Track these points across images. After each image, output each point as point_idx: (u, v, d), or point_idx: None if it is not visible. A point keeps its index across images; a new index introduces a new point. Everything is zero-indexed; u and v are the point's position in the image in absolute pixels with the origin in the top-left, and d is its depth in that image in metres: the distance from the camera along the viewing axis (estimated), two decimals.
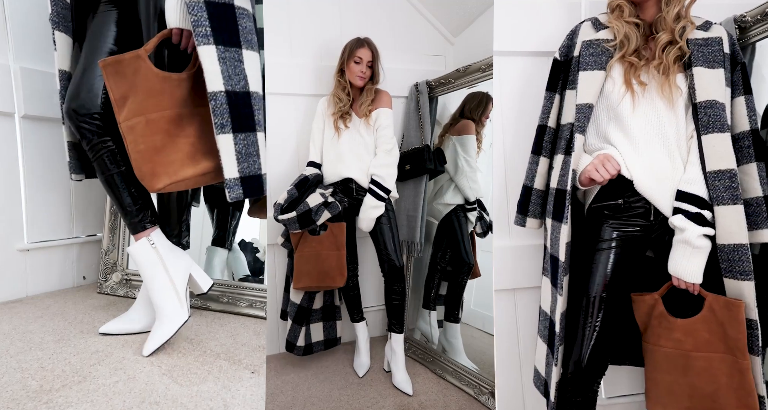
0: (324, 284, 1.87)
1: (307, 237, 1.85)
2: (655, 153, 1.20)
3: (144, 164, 1.43)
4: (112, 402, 1.27)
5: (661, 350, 1.18)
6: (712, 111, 1.14)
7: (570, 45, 1.33)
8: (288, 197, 1.81)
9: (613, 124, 1.24)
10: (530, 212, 1.42)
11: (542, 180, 1.39)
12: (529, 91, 1.56)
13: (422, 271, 2.22)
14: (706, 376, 1.11)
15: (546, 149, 1.38)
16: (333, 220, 1.86)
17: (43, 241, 2.16)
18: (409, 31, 2.32)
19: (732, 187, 1.10)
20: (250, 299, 1.99)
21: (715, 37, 1.19)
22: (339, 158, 1.91)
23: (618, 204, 1.24)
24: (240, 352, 1.61)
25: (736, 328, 1.09)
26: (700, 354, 1.13)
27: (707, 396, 1.11)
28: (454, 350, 1.99)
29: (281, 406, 1.73)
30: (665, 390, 1.16)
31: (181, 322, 1.56)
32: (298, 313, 1.94)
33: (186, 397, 1.31)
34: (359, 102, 1.91)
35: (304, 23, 2.14)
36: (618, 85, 1.22)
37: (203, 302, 2.03)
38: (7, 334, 1.65)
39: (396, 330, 1.92)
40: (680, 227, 1.14)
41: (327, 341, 2.06)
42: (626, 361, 1.41)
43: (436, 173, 2.06)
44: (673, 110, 1.19)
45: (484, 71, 1.87)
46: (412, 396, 1.79)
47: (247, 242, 2.23)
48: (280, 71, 2.08)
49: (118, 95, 1.43)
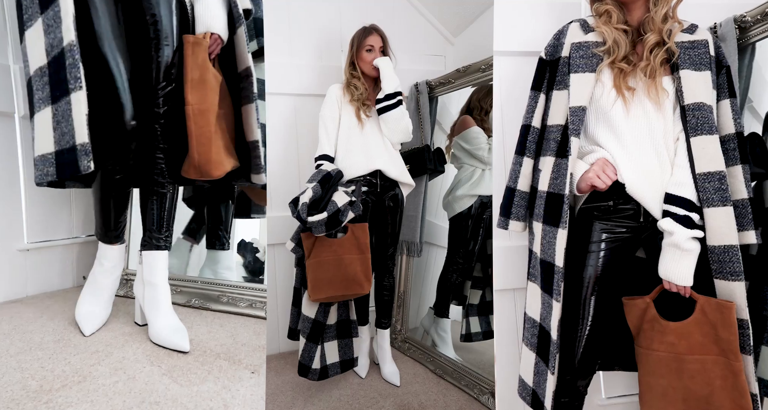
0: (351, 292, 1.69)
1: (323, 241, 1.66)
2: (645, 155, 1.20)
3: (210, 151, 1.54)
4: (112, 402, 1.27)
5: (654, 354, 1.17)
6: (700, 113, 1.14)
7: (557, 45, 1.31)
8: (313, 196, 1.59)
9: (603, 127, 1.24)
10: (513, 215, 1.38)
11: (526, 181, 1.36)
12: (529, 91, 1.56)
13: (422, 271, 2.22)
14: (700, 379, 1.11)
15: (530, 149, 1.34)
16: (353, 220, 1.70)
17: (43, 241, 2.16)
18: (409, 31, 2.32)
19: (721, 189, 1.11)
20: (250, 299, 1.99)
21: (701, 39, 1.19)
22: (365, 149, 1.80)
23: (608, 206, 1.23)
24: (240, 352, 1.61)
25: (728, 330, 1.09)
26: (693, 356, 1.12)
27: (702, 398, 1.11)
28: (444, 344, 2.01)
29: (281, 406, 1.73)
30: (659, 394, 1.16)
31: None
32: (314, 329, 1.69)
33: (186, 397, 1.31)
34: (376, 93, 1.85)
35: (304, 23, 2.14)
36: (608, 89, 1.22)
37: (203, 303, 2.03)
38: (7, 334, 1.65)
39: (384, 326, 1.92)
40: (669, 231, 1.14)
41: (343, 362, 1.79)
42: (616, 366, 1.41)
43: (436, 173, 2.06)
44: (661, 111, 1.19)
45: (484, 71, 1.87)
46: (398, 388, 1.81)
47: (247, 242, 2.23)
48: (280, 71, 2.08)
49: (197, 76, 1.51)
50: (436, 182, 2.14)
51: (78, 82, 1.29)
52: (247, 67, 1.64)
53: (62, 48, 1.31)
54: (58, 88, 1.34)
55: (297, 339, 1.75)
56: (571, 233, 1.26)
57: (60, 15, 1.31)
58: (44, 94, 1.37)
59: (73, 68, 1.29)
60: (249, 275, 2.18)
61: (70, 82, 1.29)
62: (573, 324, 1.25)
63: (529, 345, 1.34)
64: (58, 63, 1.33)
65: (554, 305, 1.22)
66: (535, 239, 1.32)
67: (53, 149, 1.38)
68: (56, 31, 1.33)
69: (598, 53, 1.23)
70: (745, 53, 1.32)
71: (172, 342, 1.58)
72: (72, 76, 1.29)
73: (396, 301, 2.22)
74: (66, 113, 1.33)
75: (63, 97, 1.33)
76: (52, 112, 1.36)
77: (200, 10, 1.58)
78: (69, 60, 1.30)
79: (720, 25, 1.32)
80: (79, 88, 1.30)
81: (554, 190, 1.25)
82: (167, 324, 1.64)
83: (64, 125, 1.34)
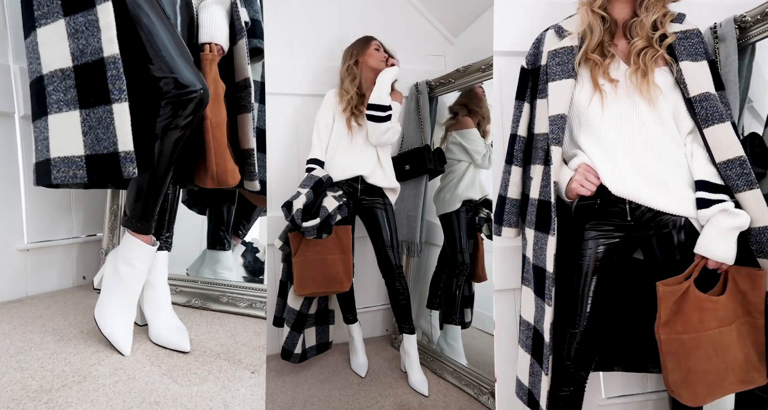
0: (332, 289, 1.83)
1: (309, 241, 1.78)
2: (636, 151, 1.19)
3: (226, 161, 1.61)
4: (112, 402, 1.27)
5: (705, 334, 1.12)
6: (708, 103, 1.14)
7: (536, 53, 1.33)
8: (306, 201, 1.74)
9: (583, 129, 1.25)
10: (505, 222, 1.41)
11: (516, 189, 1.39)
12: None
13: (422, 271, 2.22)
14: (738, 344, 1.14)
15: (517, 158, 1.37)
16: (337, 222, 1.82)
17: (43, 241, 2.16)
18: (409, 31, 2.32)
19: (745, 173, 1.11)
20: (250, 299, 2.00)
21: (692, 29, 1.19)
22: (350, 154, 1.89)
23: (595, 204, 1.25)
24: (240, 352, 1.62)
25: (758, 295, 1.14)
26: (731, 327, 1.14)
27: (741, 361, 1.13)
28: (454, 352, 1.99)
29: (281, 406, 1.73)
30: (714, 373, 1.12)
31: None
32: (298, 320, 1.89)
33: (186, 397, 1.31)
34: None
35: (304, 23, 2.14)
36: (586, 88, 1.22)
37: (203, 302, 2.03)
38: (7, 334, 1.65)
39: (407, 331, 1.90)
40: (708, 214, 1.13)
41: (319, 345, 2.04)
42: (615, 367, 1.41)
43: (436, 173, 2.06)
44: (655, 106, 1.19)
45: (484, 71, 1.87)
46: (427, 397, 1.79)
47: (247, 242, 2.23)
48: (280, 71, 2.08)
49: (212, 91, 1.53)
50: (436, 182, 2.14)
51: (123, 94, 1.33)
52: (246, 78, 1.68)
53: (101, 57, 1.34)
54: (92, 95, 1.36)
55: (281, 326, 1.93)
56: (569, 230, 1.29)
57: (98, 25, 1.33)
58: (68, 97, 1.38)
59: (117, 80, 1.33)
60: (249, 275, 2.18)
61: (113, 93, 1.33)
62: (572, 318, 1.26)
63: (525, 346, 1.37)
64: (93, 70, 1.35)
65: (546, 310, 1.24)
66: (528, 245, 1.34)
67: (83, 153, 1.38)
68: (90, 38, 1.34)
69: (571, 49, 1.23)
70: (745, 53, 1.31)
71: (172, 342, 1.59)
72: (116, 88, 1.33)
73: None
74: (104, 120, 1.35)
75: (100, 105, 1.35)
76: (82, 116, 1.37)
77: (205, 18, 1.60)
78: (112, 72, 1.33)
79: (720, 25, 1.32)
80: (123, 99, 1.34)
81: (544, 198, 1.28)
82: (167, 324, 1.64)
83: (101, 131, 1.36)
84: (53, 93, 1.40)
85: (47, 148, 1.43)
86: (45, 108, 1.42)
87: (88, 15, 1.34)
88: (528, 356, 1.35)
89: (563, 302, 1.29)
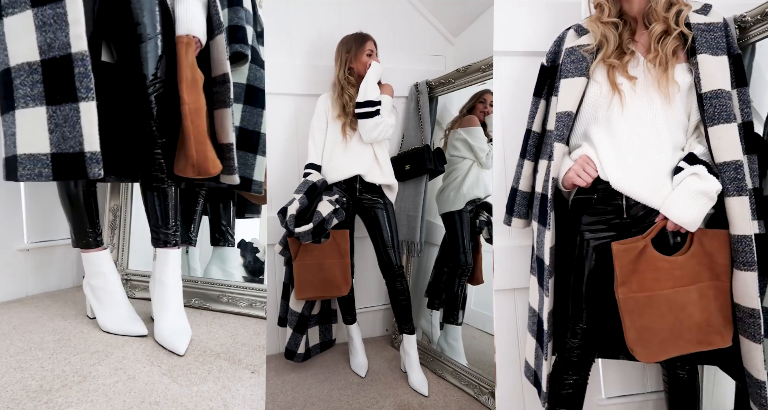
0: (330, 293, 1.85)
1: (307, 246, 1.80)
2: (646, 149, 1.19)
3: (207, 149, 1.55)
4: (112, 402, 1.27)
5: (659, 293, 1.13)
6: (718, 101, 1.12)
7: (557, 51, 1.35)
8: (299, 207, 1.74)
9: (598, 125, 1.25)
10: (515, 213, 1.46)
11: (527, 182, 1.43)
12: (529, 91, 1.55)
13: (422, 271, 2.22)
14: (699, 306, 1.13)
15: (530, 152, 1.41)
16: (335, 227, 1.82)
17: (43, 241, 2.16)
18: (409, 31, 2.32)
19: (737, 178, 1.10)
20: (250, 299, 2.00)
21: (717, 22, 1.17)
22: (346, 155, 1.89)
23: (591, 198, 1.26)
24: (240, 352, 1.61)
25: (724, 255, 1.14)
26: (692, 287, 1.14)
27: (701, 323, 1.13)
28: (454, 352, 1.99)
29: (281, 406, 1.73)
30: (666, 331, 1.13)
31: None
32: (300, 321, 1.93)
33: (186, 397, 1.31)
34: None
35: (303, 24, 2.14)
36: (605, 90, 1.22)
37: (203, 302, 2.03)
38: (7, 334, 1.65)
39: (407, 331, 1.90)
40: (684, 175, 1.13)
41: (323, 343, 2.10)
42: (620, 355, 1.41)
43: (436, 173, 2.06)
44: (670, 105, 1.19)
45: (484, 71, 1.87)
46: (427, 397, 1.79)
47: (247, 242, 2.23)
48: (280, 71, 2.08)
49: (190, 75, 1.52)
50: (436, 182, 2.14)
51: (90, 93, 1.31)
52: (225, 73, 1.64)
53: (69, 53, 1.31)
54: (59, 92, 1.33)
55: (285, 326, 1.98)
56: (566, 222, 1.32)
57: (66, 20, 1.30)
58: (35, 92, 1.35)
59: (84, 78, 1.30)
60: (249, 275, 2.18)
61: (81, 91, 1.30)
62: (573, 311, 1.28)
63: (531, 331, 1.43)
64: (61, 66, 1.32)
65: (545, 299, 1.28)
66: (534, 236, 1.39)
67: (48, 151, 1.35)
68: (58, 33, 1.31)
69: (586, 53, 1.24)
70: (745, 53, 1.31)
71: (168, 343, 1.58)
72: (83, 86, 1.30)
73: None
74: (71, 118, 1.33)
75: (67, 102, 1.33)
76: (48, 113, 1.34)
77: (180, 11, 1.58)
78: (80, 69, 1.30)
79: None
80: (91, 98, 1.31)
81: (544, 192, 1.31)
82: (170, 324, 1.63)
83: (67, 130, 1.33)
84: (20, 87, 1.36)
85: (14, 144, 1.39)
86: (12, 102, 1.38)
87: (56, 8, 1.31)
88: (534, 340, 1.40)
89: (563, 292, 1.32)
